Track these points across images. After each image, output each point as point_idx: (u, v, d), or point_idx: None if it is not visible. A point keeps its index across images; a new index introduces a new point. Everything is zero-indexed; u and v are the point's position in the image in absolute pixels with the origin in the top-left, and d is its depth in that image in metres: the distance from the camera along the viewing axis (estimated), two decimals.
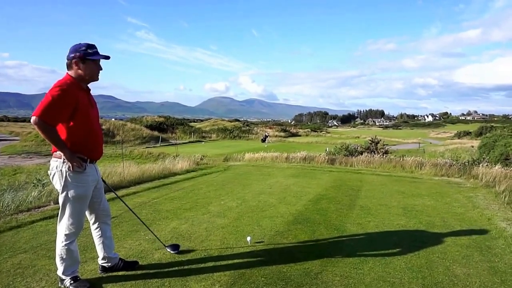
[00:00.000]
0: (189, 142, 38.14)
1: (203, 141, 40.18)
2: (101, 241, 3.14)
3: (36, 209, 5.35)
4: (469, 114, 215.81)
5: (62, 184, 2.78)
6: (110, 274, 3.18)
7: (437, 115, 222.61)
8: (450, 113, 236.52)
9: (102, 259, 3.18)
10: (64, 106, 2.65)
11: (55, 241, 2.92)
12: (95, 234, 3.16)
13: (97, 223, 3.14)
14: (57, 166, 2.79)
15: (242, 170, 10.65)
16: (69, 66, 2.81)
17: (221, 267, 3.39)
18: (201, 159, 12.88)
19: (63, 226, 2.85)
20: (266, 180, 8.73)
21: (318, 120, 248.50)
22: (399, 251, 3.92)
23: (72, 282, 2.90)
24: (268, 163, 12.77)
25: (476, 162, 11.25)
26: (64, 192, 2.79)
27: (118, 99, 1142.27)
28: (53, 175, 2.82)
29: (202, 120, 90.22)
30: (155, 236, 3.87)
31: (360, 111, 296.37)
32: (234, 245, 3.98)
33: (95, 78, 2.90)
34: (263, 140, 42.13)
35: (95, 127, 2.92)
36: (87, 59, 2.80)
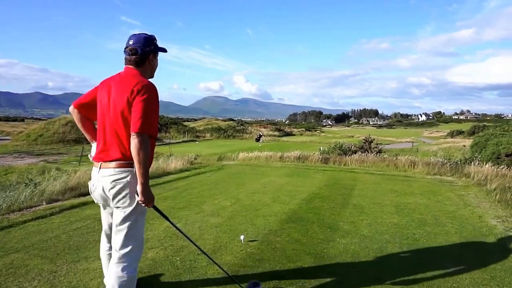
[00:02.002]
0: (183, 141, 38.02)
1: (197, 141, 40.08)
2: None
3: (28, 209, 5.31)
4: (462, 113, 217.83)
5: (132, 197, 2.31)
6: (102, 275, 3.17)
7: (431, 114, 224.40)
8: (444, 113, 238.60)
9: None
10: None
11: (48, 240, 2.89)
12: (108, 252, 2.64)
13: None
14: (129, 177, 2.30)
15: (236, 169, 10.66)
16: (141, 61, 2.40)
17: (214, 265, 3.38)
18: (195, 159, 12.86)
19: (134, 248, 2.35)
20: (260, 179, 8.74)
21: (312, 119, 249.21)
22: (391, 249, 3.95)
23: None
24: (262, 163, 12.79)
25: (468, 161, 11.35)
26: (137, 207, 2.33)
27: None
28: (122, 187, 2.30)
29: (196, 120, 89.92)
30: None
31: (354, 111, 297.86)
32: (228, 244, 3.99)
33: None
34: (257, 140, 42.12)
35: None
36: (158, 52, 2.51)
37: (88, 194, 6.64)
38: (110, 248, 2.52)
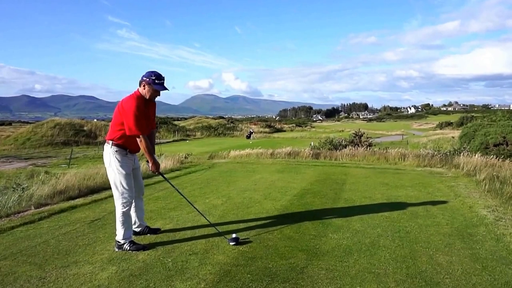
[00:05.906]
0: (173, 141, 37.81)
1: (187, 140, 39.90)
2: (134, 211, 4.13)
3: (16, 214, 5.21)
4: (450, 105, 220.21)
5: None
6: (100, 274, 3.12)
7: (420, 107, 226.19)
8: (432, 104, 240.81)
9: (134, 224, 4.13)
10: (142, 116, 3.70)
11: (37, 245, 2.84)
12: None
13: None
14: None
15: (227, 167, 10.60)
16: (140, 84, 3.74)
17: (207, 265, 3.37)
18: (185, 158, 12.76)
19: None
20: (251, 176, 8.70)
21: (302, 115, 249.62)
22: (383, 242, 3.96)
23: (131, 245, 3.74)
24: (253, 160, 12.75)
25: (457, 152, 11.46)
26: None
27: (100, 100, 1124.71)
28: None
29: (186, 118, 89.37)
30: (201, 214, 4.46)
31: (344, 105, 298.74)
32: (220, 243, 3.96)
33: (152, 100, 3.86)
34: (248, 137, 42.10)
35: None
36: (152, 85, 3.70)
37: (77, 197, 6.52)
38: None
